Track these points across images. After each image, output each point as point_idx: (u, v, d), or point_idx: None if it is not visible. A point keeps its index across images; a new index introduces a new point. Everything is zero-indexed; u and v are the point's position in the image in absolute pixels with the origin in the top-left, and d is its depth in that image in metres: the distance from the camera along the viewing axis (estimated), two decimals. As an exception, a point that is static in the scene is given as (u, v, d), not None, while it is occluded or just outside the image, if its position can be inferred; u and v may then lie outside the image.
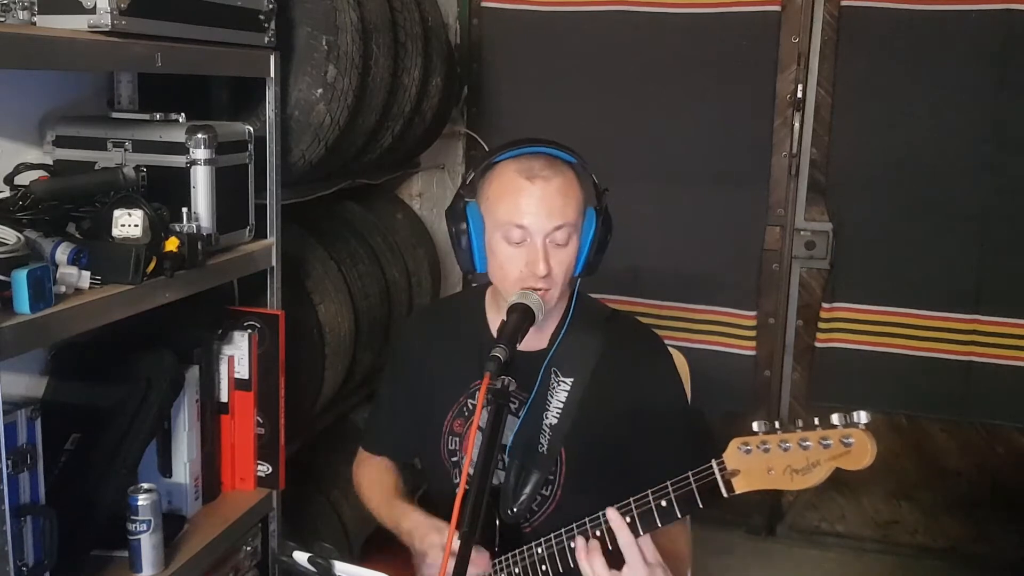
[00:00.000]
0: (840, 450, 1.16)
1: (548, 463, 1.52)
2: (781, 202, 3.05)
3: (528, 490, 1.51)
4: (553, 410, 1.52)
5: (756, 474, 1.22)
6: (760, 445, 1.21)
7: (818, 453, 1.18)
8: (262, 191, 1.80)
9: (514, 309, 1.39)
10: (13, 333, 1.18)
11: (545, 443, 1.52)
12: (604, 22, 3.02)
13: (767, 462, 1.21)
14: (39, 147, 1.64)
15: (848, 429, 1.17)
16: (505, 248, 1.45)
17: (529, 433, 1.52)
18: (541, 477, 1.51)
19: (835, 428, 1.18)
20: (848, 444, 1.16)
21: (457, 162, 3.27)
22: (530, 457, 1.52)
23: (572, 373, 1.53)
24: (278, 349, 1.82)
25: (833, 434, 1.17)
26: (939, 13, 2.79)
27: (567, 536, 1.40)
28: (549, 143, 1.49)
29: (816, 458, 1.18)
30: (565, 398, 1.52)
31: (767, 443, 1.21)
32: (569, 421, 1.51)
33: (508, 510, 1.51)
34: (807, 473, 1.19)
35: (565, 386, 1.52)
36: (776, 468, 1.20)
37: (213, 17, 1.58)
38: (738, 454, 1.23)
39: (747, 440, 1.22)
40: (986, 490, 3.07)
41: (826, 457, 1.18)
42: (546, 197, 1.42)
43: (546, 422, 1.52)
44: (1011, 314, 2.88)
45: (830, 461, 1.18)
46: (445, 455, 1.62)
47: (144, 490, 1.50)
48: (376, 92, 2.16)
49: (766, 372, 3.17)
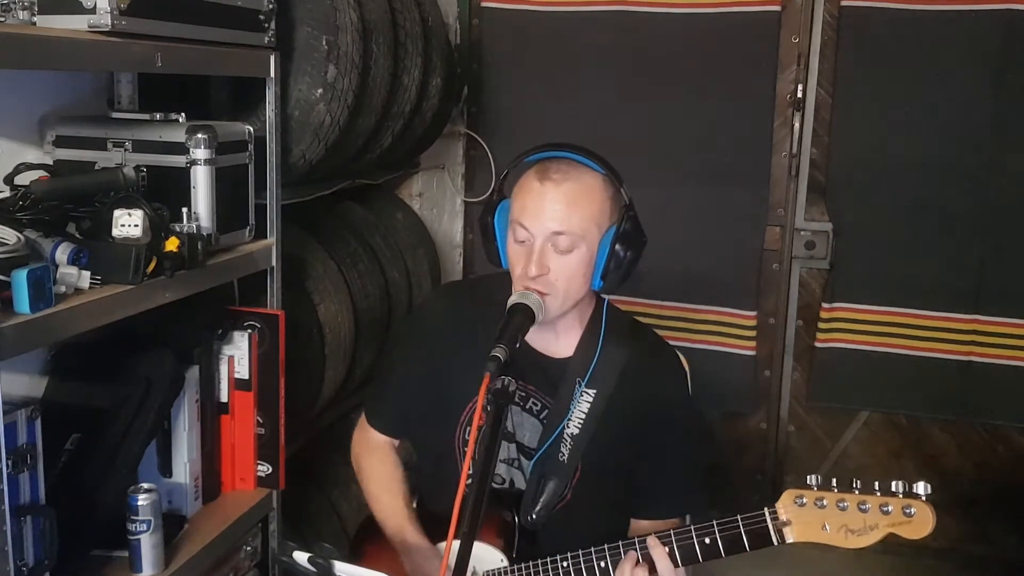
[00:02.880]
0: (900, 519, 1.21)
1: (567, 472, 1.54)
2: (781, 202, 3.05)
3: (546, 497, 1.53)
4: (575, 420, 1.53)
5: (811, 527, 1.27)
6: (817, 501, 1.26)
7: (877, 518, 1.22)
8: (262, 191, 1.80)
9: (514, 309, 1.39)
10: (13, 333, 1.18)
11: (566, 452, 1.53)
12: (604, 22, 3.02)
13: (823, 517, 1.25)
14: (39, 147, 1.64)
15: (909, 500, 1.21)
16: (513, 245, 1.47)
17: (550, 441, 1.54)
18: (560, 485, 1.53)
19: (895, 496, 1.22)
20: (909, 514, 1.21)
21: (457, 162, 3.26)
22: (550, 465, 1.54)
23: (596, 385, 1.54)
24: (278, 349, 1.82)
25: (895, 502, 1.21)
26: (939, 13, 2.78)
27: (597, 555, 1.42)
28: (579, 149, 1.47)
29: (874, 522, 1.23)
30: (588, 409, 1.53)
31: (823, 499, 1.25)
32: (589, 432, 1.53)
33: (529, 516, 1.53)
34: (862, 535, 1.24)
35: (588, 397, 1.54)
36: (832, 525, 1.25)
37: (213, 17, 1.58)
38: (792, 506, 1.27)
39: (802, 493, 1.27)
40: (986, 490, 3.07)
41: (885, 523, 1.22)
42: (552, 201, 1.42)
43: (568, 431, 1.53)
44: (1011, 314, 2.89)
45: (888, 528, 1.22)
46: (459, 443, 1.61)
47: (144, 490, 1.50)
48: (376, 92, 2.16)
49: (766, 372, 3.17)
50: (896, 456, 3.12)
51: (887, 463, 3.11)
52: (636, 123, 3.03)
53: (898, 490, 1.22)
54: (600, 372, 1.55)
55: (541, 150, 1.49)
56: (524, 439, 1.58)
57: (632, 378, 1.55)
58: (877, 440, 3.15)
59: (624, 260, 1.47)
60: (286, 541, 1.67)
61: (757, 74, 2.95)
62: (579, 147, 1.48)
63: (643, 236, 1.49)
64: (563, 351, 1.57)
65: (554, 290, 1.44)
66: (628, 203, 1.48)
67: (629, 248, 1.47)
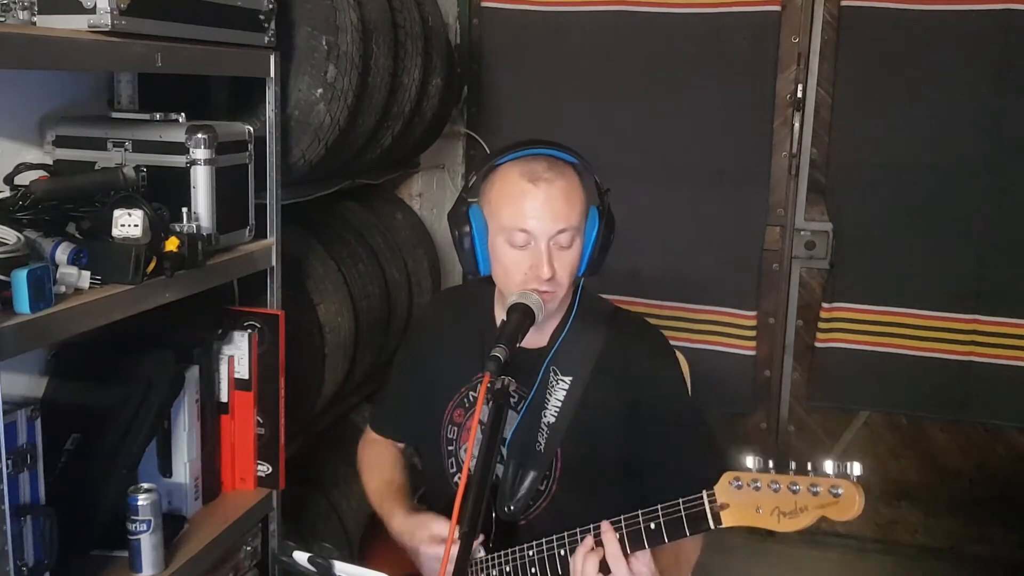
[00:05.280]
0: (828, 499, 1.18)
1: (544, 461, 1.52)
2: (781, 202, 3.05)
3: (525, 488, 1.52)
4: (552, 408, 1.53)
5: (744, 511, 1.24)
6: (751, 483, 1.23)
7: (806, 499, 1.19)
8: (262, 191, 1.80)
9: (514, 309, 1.39)
10: (13, 333, 1.18)
11: (543, 442, 1.52)
12: (604, 22, 3.02)
13: (756, 500, 1.22)
14: (39, 147, 1.64)
15: (839, 480, 1.18)
16: (509, 251, 1.45)
17: (527, 431, 1.53)
18: (538, 475, 1.52)
19: (826, 477, 1.19)
20: (836, 495, 1.17)
21: (457, 162, 3.27)
22: (527, 455, 1.53)
23: (571, 372, 1.53)
24: (278, 349, 1.82)
25: (823, 482, 1.19)
26: (939, 13, 2.79)
27: (558, 544, 1.41)
28: (551, 144, 1.48)
29: (804, 503, 1.19)
30: (564, 397, 1.52)
31: (758, 481, 1.22)
32: (567, 420, 1.52)
33: (505, 507, 1.52)
34: (793, 517, 1.20)
35: (564, 385, 1.53)
36: (764, 507, 1.22)
37: (213, 17, 1.58)
38: (729, 488, 1.24)
39: (739, 476, 1.24)
40: (986, 490, 3.07)
41: (814, 504, 1.19)
42: (550, 200, 1.42)
43: (544, 420, 1.52)
44: (1011, 314, 2.89)
45: (817, 509, 1.19)
46: (443, 443, 1.63)
47: (144, 490, 1.50)
48: (376, 92, 2.16)
49: (766, 372, 3.17)
50: (896, 456, 3.13)
51: (887, 463, 3.12)
52: (636, 123, 3.03)
53: (831, 471, 1.19)
54: (574, 358, 1.53)
55: (514, 150, 1.48)
56: (505, 433, 1.56)
57: (612, 365, 1.53)
58: (877, 440, 3.15)
59: (608, 242, 1.50)
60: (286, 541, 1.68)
61: (757, 74, 2.95)
62: (550, 142, 1.49)
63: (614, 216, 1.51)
64: (539, 341, 1.56)
65: (560, 285, 1.46)
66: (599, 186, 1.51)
67: (611, 231, 1.50)
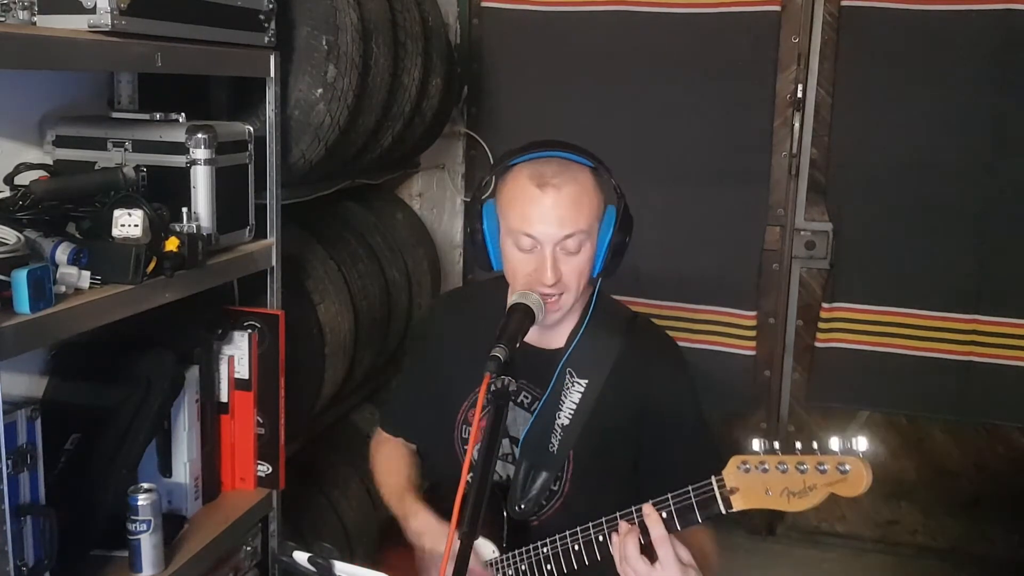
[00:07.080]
0: (836, 477, 1.19)
1: (557, 463, 1.53)
2: (781, 202, 3.05)
3: (536, 488, 1.52)
4: (566, 410, 1.53)
5: (754, 493, 1.24)
6: (759, 465, 1.23)
7: (814, 478, 1.20)
8: (262, 191, 1.80)
9: (514, 309, 1.39)
10: (13, 333, 1.18)
11: (556, 443, 1.52)
12: (604, 22, 3.02)
13: (765, 482, 1.23)
14: (39, 147, 1.64)
15: (845, 457, 1.19)
16: (515, 253, 1.45)
17: (541, 432, 1.53)
18: (550, 476, 1.53)
19: (833, 454, 1.20)
20: (844, 471, 1.19)
21: (457, 162, 3.27)
22: (540, 456, 1.53)
23: (587, 375, 1.53)
24: (278, 349, 1.82)
25: (830, 460, 1.19)
26: (939, 13, 2.79)
27: (571, 539, 1.41)
28: (565, 146, 1.47)
29: (812, 482, 1.20)
30: (579, 399, 1.52)
31: (765, 463, 1.23)
32: (581, 423, 1.52)
33: (516, 506, 1.53)
34: (803, 496, 1.21)
35: (579, 387, 1.53)
36: (773, 489, 1.23)
37: (213, 17, 1.58)
38: (737, 472, 1.25)
39: (746, 459, 1.24)
40: (986, 490, 3.07)
41: (822, 482, 1.20)
42: (556, 206, 1.41)
43: (558, 422, 1.52)
44: (1011, 314, 2.89)
45: (826, 487, 1.20)
46: (458, 443, 1.62)
47: (144, 490, 1.50)
48: (376, 92, 2.16)
49: (766, 372, 3.17)
50: (896, 456, 3.12)
51: (887, 463, 3.11)
52: (636, 123, 3.03)
53: (837, 448, 1.20)
54: (591, 361, 1.53)
55: (528, 151, 1.47)
56: (517, 433, 1.57)
57: (627, 370, 1.53)
58: (877, 440, 3.15)
59: (623, 245, 1.49)
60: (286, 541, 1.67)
61: (757, 74, 2.96)
62: (565, 143, 1.48)
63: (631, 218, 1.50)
64: (555, 342, 1.56)
65: (568, 289, 1.46)
66: (617, 189, 1.49)
67: (627, 233, 1.49)
